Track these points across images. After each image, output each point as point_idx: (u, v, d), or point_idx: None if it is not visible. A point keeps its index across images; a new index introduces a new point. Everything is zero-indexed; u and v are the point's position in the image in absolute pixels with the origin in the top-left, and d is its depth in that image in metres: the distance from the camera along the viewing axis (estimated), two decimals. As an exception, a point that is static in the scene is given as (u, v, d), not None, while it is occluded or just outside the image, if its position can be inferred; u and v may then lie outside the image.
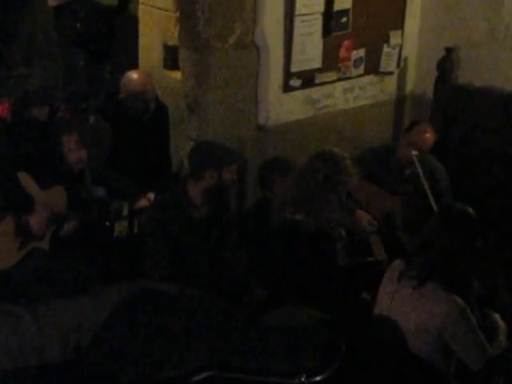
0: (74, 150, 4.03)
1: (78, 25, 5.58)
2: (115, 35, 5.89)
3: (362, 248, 4.10)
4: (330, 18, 4.77)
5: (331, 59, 4.92)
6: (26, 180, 3.79)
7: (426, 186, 4.33)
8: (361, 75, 5.14)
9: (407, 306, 3.06)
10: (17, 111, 4.42)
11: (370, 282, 3.56)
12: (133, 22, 5.21)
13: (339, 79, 5.03)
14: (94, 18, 5.57)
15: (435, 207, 4.14)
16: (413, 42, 5.35)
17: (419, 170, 4.36)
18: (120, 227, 4.45)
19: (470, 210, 3.13)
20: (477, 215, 3.12)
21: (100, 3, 5.58)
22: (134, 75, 4.62)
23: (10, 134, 4.24)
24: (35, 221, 3.81)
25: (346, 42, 4.94)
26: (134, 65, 5.12)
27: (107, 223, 4.30)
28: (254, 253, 4.11)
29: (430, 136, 4.55)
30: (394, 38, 5.19)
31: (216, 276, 3.86)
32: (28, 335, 2.69)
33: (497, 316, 3.31)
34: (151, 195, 4.41)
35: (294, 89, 4.83)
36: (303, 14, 4.68)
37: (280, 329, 2.86)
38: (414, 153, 4.40)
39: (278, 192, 4.16)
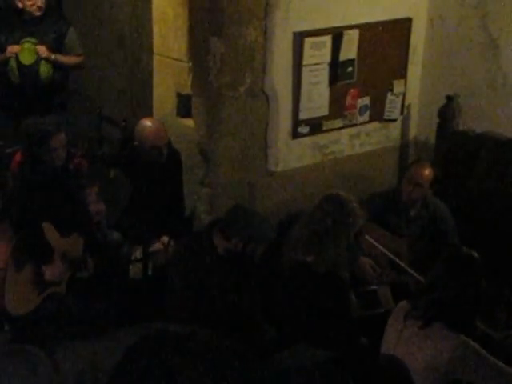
0: (93, 203, 4.14)
1: None
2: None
3: (371, 299, 4.14)
4: (337, 67, 4.87)
5: (338, 107, 5.00)
6: (49, 230, 3.91)
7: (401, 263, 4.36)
8: (366, 122, 5.21)
9: (413, 345, 3.10)
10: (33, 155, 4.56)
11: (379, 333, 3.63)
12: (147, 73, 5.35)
13: (345, 126, 5.10)
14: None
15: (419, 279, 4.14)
16: (415, 90, 5.43)
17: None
18: (134, 269, 4.57)
19: (475, 253, 3.18)
20: (480, 258, 3.19)
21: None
22: (147, 123, 4.65)
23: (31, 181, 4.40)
24: (51, 271, 3.93)
25: (352, 91, 5.03)
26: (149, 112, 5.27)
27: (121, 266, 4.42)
28: (265, 293, 4.22)
29: (428, 172, 4.61)
30: (398, 86, 5.27)
31: (231, 315, 3.92)
32: (45, 376, 2.74)
33: None
34: (165, 238, 4.50)
35: (302, 135, 4.90)
36: (311, 64, 4.77)
37: (291, 369, 2.92)
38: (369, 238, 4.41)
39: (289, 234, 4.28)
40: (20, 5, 5.59)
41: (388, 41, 5.14)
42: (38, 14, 5.64)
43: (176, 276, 3.92)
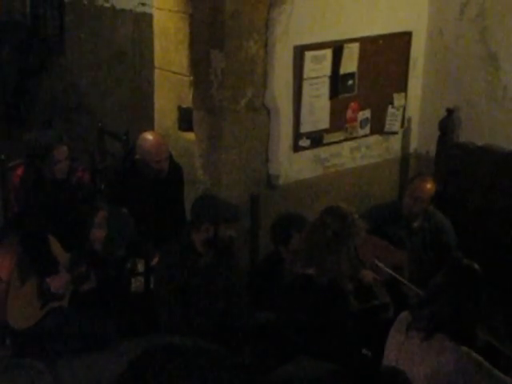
0: (98, 227, 4.16)
1: None
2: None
3: (367, 293, 4.19)
4: (337, 81, 4.90)
5: (338, 120, 5.03)
6: (53, 243, 3.95)
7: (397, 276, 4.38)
8: (367, 135, 5.24)
9: (416, 356, 3.09)
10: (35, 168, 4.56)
11: (380, 326, 3.64)
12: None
13: (346, 139, 5.13)
14: None
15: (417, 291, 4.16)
16: (416, 103, 5.46)
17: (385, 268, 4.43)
18: (137, 283, 4.58)
19: (476, 265, 3.18)
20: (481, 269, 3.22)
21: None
22: (148, 136, 4.64)
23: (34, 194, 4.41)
24: (58, 283, 3.96)
25: (353, 104, 5.06)
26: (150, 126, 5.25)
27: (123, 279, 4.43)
28: (264, 304, 4.21)
29: (429, 187, 4.65)
30: (398, 99, 5.30)
31: (221, 320, 3.98)
32: (47, 390, 2.75)
33: None
34: (167, 252, 4.55)
35: (303, 148, 4.93)
36: (311, 78, 4.80)
37: (293, 381, 2.92)
38: (378, 263, 4.43)
39: (292, 247, 4.29)
40: None
41: (388, 54, 5.18)
42: None
43: (160, 283, 4.00)
